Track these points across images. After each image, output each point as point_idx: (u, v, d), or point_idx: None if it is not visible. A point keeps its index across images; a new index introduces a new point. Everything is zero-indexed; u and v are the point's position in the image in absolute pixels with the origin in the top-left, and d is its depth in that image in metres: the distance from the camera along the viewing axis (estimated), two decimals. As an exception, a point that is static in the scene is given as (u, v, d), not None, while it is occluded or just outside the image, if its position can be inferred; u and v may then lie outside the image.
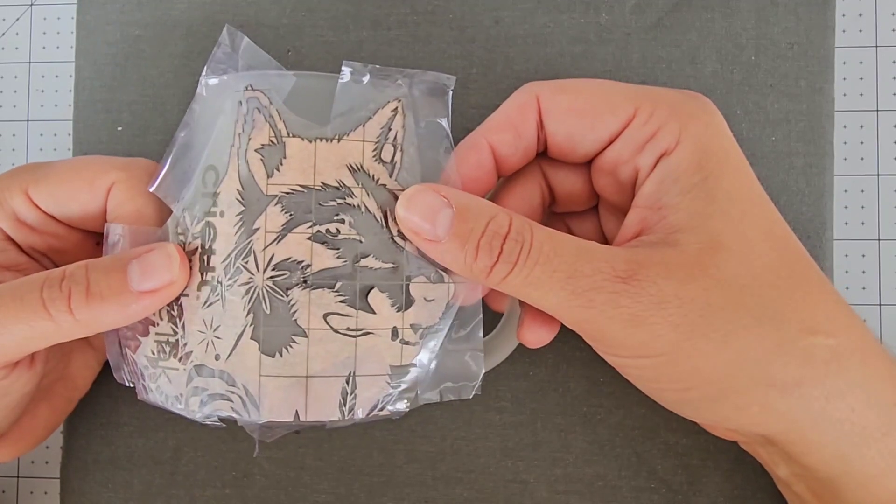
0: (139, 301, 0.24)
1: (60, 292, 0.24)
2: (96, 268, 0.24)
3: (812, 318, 0.24)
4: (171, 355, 0.25)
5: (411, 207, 0.24)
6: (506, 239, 0.23)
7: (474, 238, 0.23)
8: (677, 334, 0.23)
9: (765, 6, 0.32)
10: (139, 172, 0.27)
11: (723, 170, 0.24)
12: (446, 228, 0.23)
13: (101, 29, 0.35)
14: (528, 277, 0.23)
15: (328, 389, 0.24)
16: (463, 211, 0.24)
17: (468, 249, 0.23)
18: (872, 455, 0.24)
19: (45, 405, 0.30)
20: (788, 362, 0.23)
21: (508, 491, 0.32)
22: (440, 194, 0.24)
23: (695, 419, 0.27)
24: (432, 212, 0.24)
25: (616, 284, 0.23)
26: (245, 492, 0.33)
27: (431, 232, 0.24)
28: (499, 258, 0.23)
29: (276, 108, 0.24)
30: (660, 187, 0.25)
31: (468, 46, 0.33)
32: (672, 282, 0.23)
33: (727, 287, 0.23)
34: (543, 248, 0.23)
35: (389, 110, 0.25)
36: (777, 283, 0.24)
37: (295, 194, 0.24)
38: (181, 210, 0.25)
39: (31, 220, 0.28)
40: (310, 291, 0.24)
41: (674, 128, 0.24)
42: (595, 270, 0.23)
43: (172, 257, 0.24)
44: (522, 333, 0.27)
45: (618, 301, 0.23)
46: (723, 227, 0.24)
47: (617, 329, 0.23)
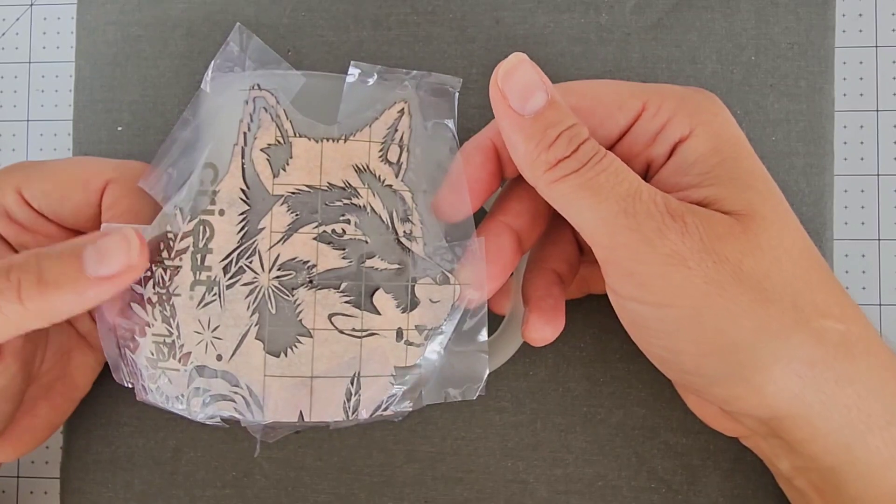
0: (96, 287, 0.23)
1: (9, 282, 0.23)
2: (49, 255, 0.24)
3: (825, 301, 0.24)
4: (170, 356, 0.25)
5: (510, 77, 0.23)
6: (584, 142, 0.23)
7: (559, 128, 0.23)
8: (709, 287, 0.23)
9: (765, 6, 0.32)
10: (133, 174, 0.27)
11: (739, 153, 0.25)
12: (536, 107, 0.23)
13: (101, 29, 0.35)
14: (591, 181, 0.23)
15: (332, 390, 0.24)
16: (556, 102, 0.24)
17: (549, 134, 0.23)
18: (877, 444, 0.24)
19: (46, 405, 0.30)
20: (805, 341, 0.23)
21: (508, 491, 0.32)
22: (542, 78, 0.24)
23: (704, 394, 0.26)
24: (530, 87, 0.23)
25: (667, 218, 0.23)
26: (245, 492, 0.33)
27: (520, 104, 0.23)
28: (572, 154, 0.23)
29: (283, 107, 0.24)
30: (678, 171, 0.25)
31: (468, 46, 0.33)
32: (713, 236, 0.23)
33: (761, 255, 0.23)
34: (614, 164, 0.23)
35: (396, 111, 0.25)
36: (800, 261, 0.24)
37: (301, 194, 0.24)
38: (172, 207, 0.25)
39: (23, 219, 0.28)
40: (315, 292, 0.24)
41: (684, 118, 0.25)
42: (651, 199, 0.23)
43: (131, 240, 0.24)
44: (527, 332, 0.27)
45: (665, 233, 0.23)
46: (755, 198, 0.24)
47: (655, 262, 0.23)
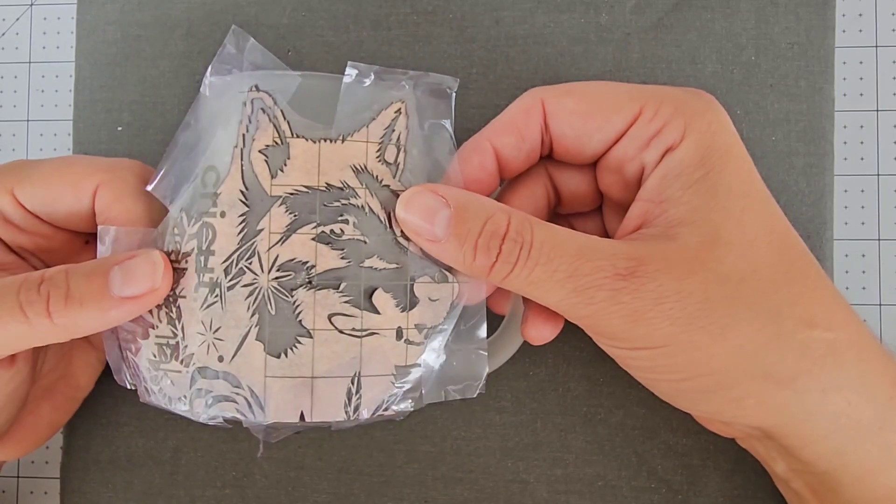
0: (119, 307, 0.24)
1: (39, 296, 0.23)
2: (77, 272, 0.24)
3: (810, 312, 0.24)
4: (172, 358, 0.25)
5: (410, 208, 0.24)
6: (504, 239, 0.23)
7: (472, 238, 0.23)
8: (676, 327, 0.23)
9: (765, 6, 0.32)
10: (124, 174, 0.27)
11: (725, 165, 0.24)
12: (444, 229, 0.24)
13: (101, 29, 0.35)
14: (528, 277, 0.23)
15: (333, 390, 0.24)
16: (461, 210, 0.24)
17: (466, 249, 0.23)
18: (869, 449, 0.24)
19: (48, 404, 0.30)
20: (785, 355, 0.23)
21: (508, 491, 0.32)
22: (438, 194, 0.24)
23: (690, 411, 0.27)
24: (431, 213, 0.24)
25: (616, 282, 0.23)
26: (245, 492, 0.33)
27: (431, 232, 0.24)
28: (498, 258, 0.23)
29: (281, 108, 0.24)
30: (663, 181, 0.25)
31: (468, 46, 0.33)
32: (671, 277, 0.23)
33: (726, 281, 0.23)
34: (543, 248, 0.23)
35: (393, 111, 0.25)
36: (776, 277, 0.24)
37: (299, 195, 0.24)
38: (178, 210, 0.25)
39: (18, 220, 0.27)
40: (314, 292, 0.24)
41: (679, 124, 0.25)
42: (595, 269, 0.23)
43: (157, 264, 0.24)
44: (526, 331, 0.27)
45: (618, 298, 0.23)
46: (723, 221, 0.24)
47: (617, 324, 0.23)
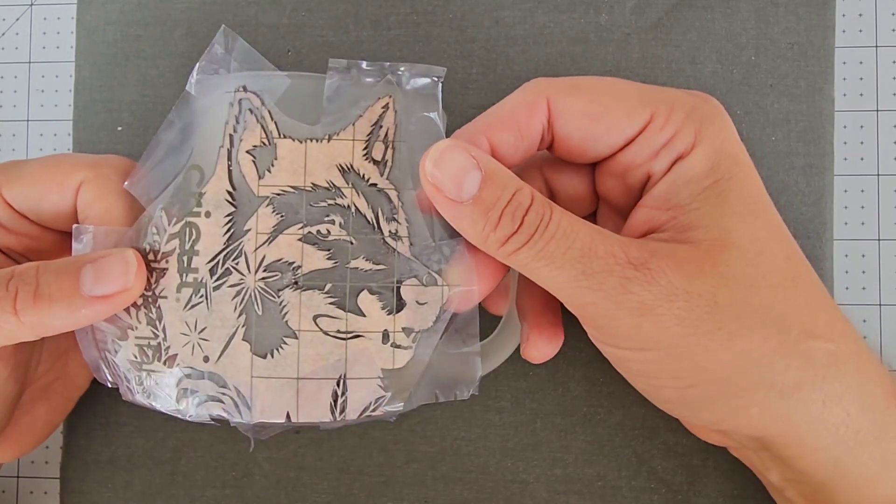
0: (90, 306, 0.23)
1: (6, 292, 0.23)
2: (48, 269, 0.24)
3: (813, 322, 0.24)
4: (154, 359, 0.25)
5: (440, 165, 0.23)
6: (528, 211, 0.23)
7: (499, 206, 0.23)
8: (683, 328, 0.22)
9: (765, 6, 0.32)
10: (108, 171, 0.27)
11: (734, 173, 0.24)
12: (472, 192, 0.23)
13: (101, 29, 0.35)
14: (542, 251, 0.22)
15: (319, 391, 0.24)
16: (492, 176, 0.23)
17: (491, 216, 0.23)
18: (865, 459, 0.24)
19: (45, 405, 0.30)
20: (789, 365, 0.23)
21: (508, 491, 0.32)
22: (471, 155, 0.23)
23: (691, 419, 0.27)
24: (462, 172, 0.23)
25: (628, 270, 0.22)
26: (245, 492, 0.33)
27: (455, 192, 0.23)
28: (518, 229, 0.23)
29: (269, 109, 0.24)
30: (671, 189, 0.24)
31: (468, 46, 0.33)
32: (682, 275, 0.23)
33: (735, 285, 0.23)
34: (561, 224, 0.23)
35: (380, 107, 0.25)
36: (784, 284, 0.24)
37: (286, 195, 0.24)
38: (158, 209, 0.25)
39: (5, 220, 0.27)
40: (300, 293, 0.24)
41: (689, 131, 0.24)
42: (608, 253, 0.22)
43: (130, 264, 0.24)
44: (528, 351, 0.26)
45: (628, 287, 0.22)
46: (734, 225, 0.24)
47: (623, 316, 0.23)
